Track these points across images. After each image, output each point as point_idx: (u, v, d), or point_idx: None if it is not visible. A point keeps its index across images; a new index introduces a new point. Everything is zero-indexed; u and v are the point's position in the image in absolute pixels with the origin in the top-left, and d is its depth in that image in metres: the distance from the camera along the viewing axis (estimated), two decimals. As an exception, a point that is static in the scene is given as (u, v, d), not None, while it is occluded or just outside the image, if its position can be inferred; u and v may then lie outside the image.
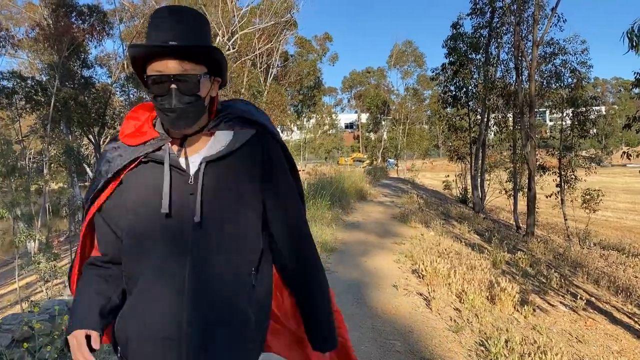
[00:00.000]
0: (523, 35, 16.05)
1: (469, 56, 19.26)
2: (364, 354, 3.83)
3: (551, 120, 35.67)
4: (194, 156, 1.22)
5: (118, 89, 24.02)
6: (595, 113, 16.73)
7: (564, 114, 16.53)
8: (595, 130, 17.72)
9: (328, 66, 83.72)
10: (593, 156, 18.13)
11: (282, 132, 37.25)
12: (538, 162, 15.59)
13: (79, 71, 22.12)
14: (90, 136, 22.07)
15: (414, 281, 6.15)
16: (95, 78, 23.42)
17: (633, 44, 6.09)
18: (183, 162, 1.20)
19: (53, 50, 19.93)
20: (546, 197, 16.18)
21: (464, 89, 19.71)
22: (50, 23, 20.15)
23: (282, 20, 24.17)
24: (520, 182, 17.53)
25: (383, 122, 50.42)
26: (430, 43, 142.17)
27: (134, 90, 22.59)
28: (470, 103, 19.93)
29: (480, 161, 19.28)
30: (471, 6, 18.65)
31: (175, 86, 1.12)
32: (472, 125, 20.13)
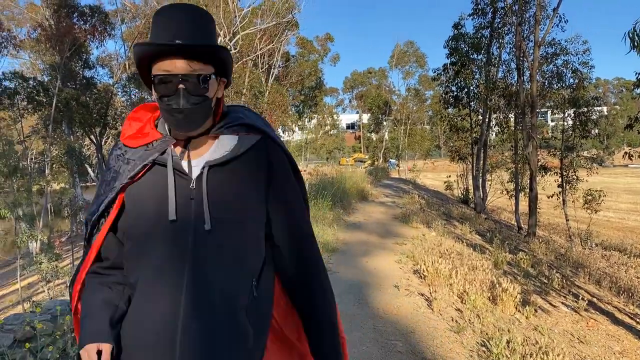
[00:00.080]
0: (525, 35, 16.04)
1: (471, 56, 19.24)
2: (366, 355, 3.83)
3: (553, 120, 35.66)
4: (197, 160, 1.19)
5: (120, 90, 24.13)
6: (596, 113, 16.70)
7: (566, 115, 16.50)
8: (596, 130, 17.70)
9: (329, 67, 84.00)
10: (595, 156, 18.14)
11: (284, 133, 37.23)
12: (540, 163, 15.57)
13: (81, 72, 22.15)
14: (92, 137, 22.10)
15: (416, 281, 6.15)
16: (96, 78, 23.46)
17: (634, 44, 6.10)
18: (185, 165, 1.18)
19: (55, 50, 19.95)
20: (548, 198, 16.16)
21: (466, 90, 19.69)
22: (52, 24, 20.19)
23: (284, 20, 24.16)
24: (521, 183, 17.51)
25: (384, 123, 50.36)
26: (431, 43, 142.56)
27: (136, 90, 22.64)
28: (471, 103, 19.91)
29: (481, 161, 19.25)
30: (473, 7, 18.66)
31: (183, 86, 1.09)
32: (474, 125, 20.12)
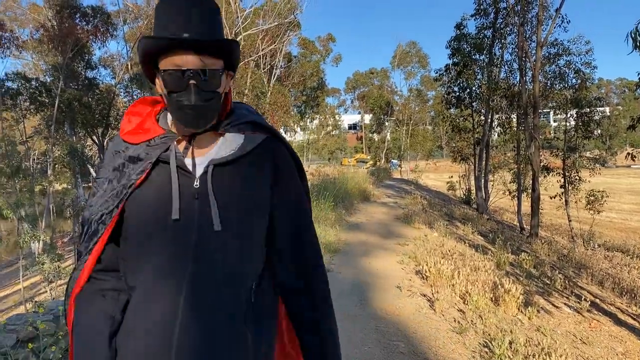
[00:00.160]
0: (527, 36, 16.01)
1: (473, 57, 19.22)
2: (367, 355, 3.83)
3: (555, 121, 35.62)
4: (201, 157, 1.14)
5: (122, 90, 24.19)
6: (599, 114, 16.66)
7: (568, 115, 16.47)
8: (599, 131, 17.63)
9: (331, 67, 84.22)
10: (597, 157, 18.10)
11: (286, 133, 37.28)
12: (542, 163, 15.53)
13: (83, 72, 22.21)
14: (94, 137, 22.15)
15: (418, 282, 6.14)
16: (99, 79, 23.54)
17: (637, 44, 6.08)
18: (189, 163, 1.13)
19: (57, 51, 20.00)
20: (550, 198, 16.14)
21: (468, 90, 19.67)
22: (54, 24, 20.24)
23: (286, 21, 24.22)
24: (524, 183, 17.50)
25: (386, 123, 50.40)
26: (433, 44, 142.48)
27: (138, 91, 22.68)
28: (474, 104, 19.90)
29: (484, 162, 19.24)
30: (475, 7, 18.63)
31: (194, 82, 1.05)
32: (476, 126, 20.10)
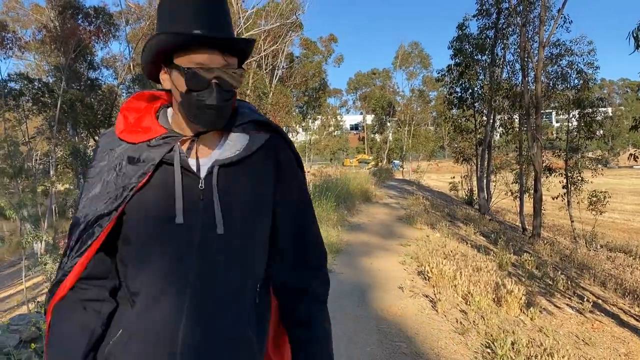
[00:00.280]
0: (529, 36, 15.98)
1: (475, 57, 19.18)
2: (370, 356, 3.83)
3: (557, 121, 35.50)
4: (205, 158, 1.11)
5: (124, 91, 24.20)
6: (601, 114, 16.62)
7: (570, 116, 16.44)
8: (601, 131, 17.61)
9: (333, 67, 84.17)
10: (600, 158, 18.07)
11: (287, 134, 37.33)
12: (544, 164, 15.51)
13: (85, 73, 22.29)
14: (96, 137, 22.17)
15: (420, 283, 6.14)
16: (101, 80, 23.68)
17: (639, 44, 6.07)
18: (193, 164, 1.09)
19: (59, 52, 20.07)
20: (552, 199, 16.11)
21: (470, 90, 19.61)
22: (57, 25, 20.31)
23: (288, 21, 24.20)
24: (526, 184, 17.47)
25: (388, 124, 50.41)
26: (435, 44, 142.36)
27: (140, 91, 22.70)
28: (476, 104, 19.85)
29: (486, 163, 19.20)
30: (477, 7, 18.61)
31: (216, 81, 1.03)
32: (478, 126, 20.05)
